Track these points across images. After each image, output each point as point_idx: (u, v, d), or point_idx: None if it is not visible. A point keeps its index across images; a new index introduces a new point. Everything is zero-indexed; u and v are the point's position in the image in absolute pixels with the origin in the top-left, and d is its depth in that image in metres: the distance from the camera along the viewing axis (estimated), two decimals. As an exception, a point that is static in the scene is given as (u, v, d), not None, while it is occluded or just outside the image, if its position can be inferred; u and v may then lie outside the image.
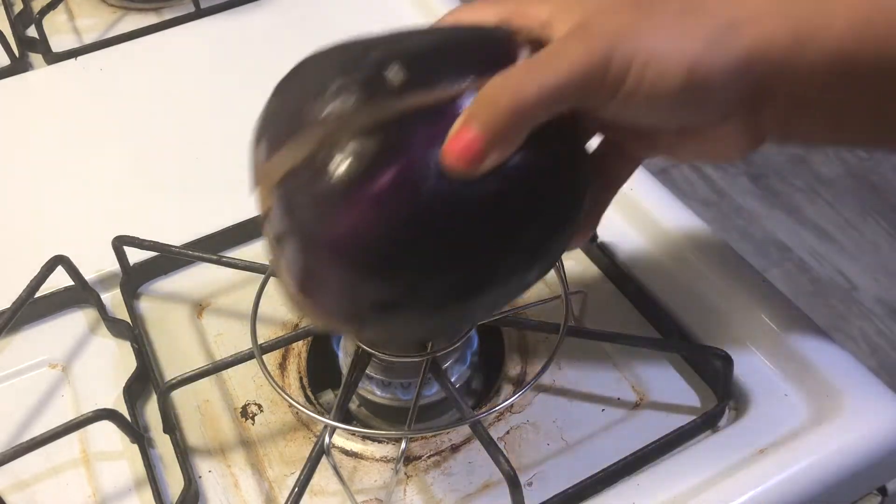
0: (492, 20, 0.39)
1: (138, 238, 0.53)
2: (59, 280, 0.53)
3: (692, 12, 0.35)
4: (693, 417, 0.45)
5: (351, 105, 0.34)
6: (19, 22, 0.77)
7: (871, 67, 0.34)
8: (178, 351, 0.52)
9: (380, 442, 0.46)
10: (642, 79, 0.34)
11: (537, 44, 0.37)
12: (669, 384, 0.49)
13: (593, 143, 0.42)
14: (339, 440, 0.47)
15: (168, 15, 0.79)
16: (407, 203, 0.33)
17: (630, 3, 0.36)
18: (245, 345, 0.47)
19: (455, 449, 0.46)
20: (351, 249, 0.34)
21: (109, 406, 0.47)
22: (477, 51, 0.36)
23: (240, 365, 0.47)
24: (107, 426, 0.45)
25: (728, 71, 0.34)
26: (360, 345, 0.45)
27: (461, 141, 0.33)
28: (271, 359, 0.51)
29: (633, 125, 0.38)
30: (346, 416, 0.50)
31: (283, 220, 0.36)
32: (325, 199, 0.34)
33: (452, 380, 0.46)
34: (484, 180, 0.34)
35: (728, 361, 0.45)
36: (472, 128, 0.33)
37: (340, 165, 0.33)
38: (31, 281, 0.51)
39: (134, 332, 0.51)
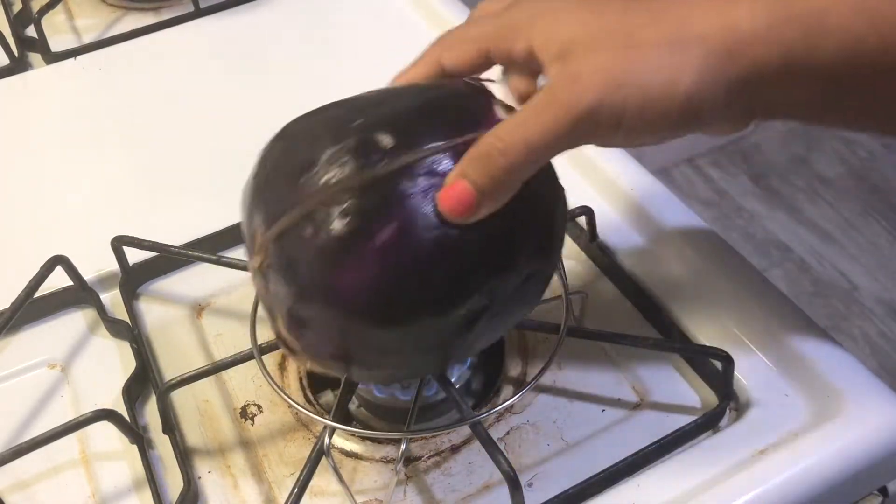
0: (473, 56, 0.39)
1: (137, 238, 0.53)
2: (59, 280, 0.53)
3: (684, 42, 0.34)
4: (693, 418, 0.45)
5: (346, 171, 0.35)
6: (18, 22, 0.77)
7: (862, 82, 0.35)
8: (177, 351, 0.52)
9: (380, 442, 0.46)
10: (638, 119, 0.34)
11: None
12: (669, 384, 0.49)
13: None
14: (339, 441, 0.47)
15: (167, 14, 0.79)
16: (406, 254, 0.35)
17: (617, 32, 0.35)
18: (245, 345, 0.46)
19: (455, 449, 0.46)
20: (355, 300, 0.36)
21: (109, 406, 0.47)
22: (456, 110, 0.38)
23: (239, 365, 0.46)
24: (106, 426, 0.45)
25: (721, 96, 0.35)
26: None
27: (454, 194, 0.35)
28: (271, 359, 0.51)
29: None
30: (345, 417, 0.50)
31: (281, 272, 0.37)
32: (327, 254, 0.35)
33: (452, 380, 0.46)
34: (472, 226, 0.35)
35: (728, 361, 0.45)
36: (464, 183, 0.34)
37: (342, 221, 0.35)
38: (30, 281, 0.51)
39: (133, 333, 0.51)
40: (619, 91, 0.34)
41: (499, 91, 0.40)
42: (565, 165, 0.60)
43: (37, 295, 0.51)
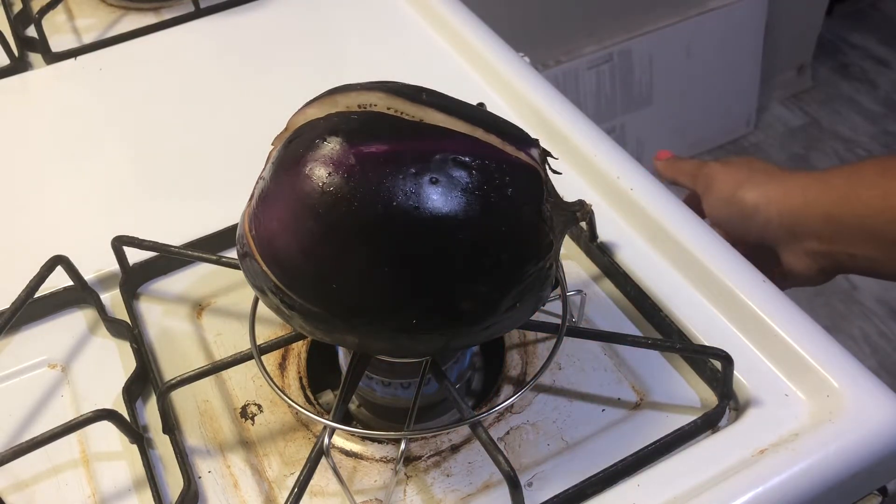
0: None
1: (138, 238, 0.53)
2: (59, 280, 0.53)
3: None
4: (693, 418, 0.45)
5: (378, 93, 0.38)
6: (19, 22, 0.77)
7: None
8: (177, 351, 0.52)
9: (379, 442, 0.46)
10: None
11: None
12: (669, 384, 0.49)
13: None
14: (339, 440, 0.47)
15: (167, 15, 0.79)
16: (385, 177, 0.36)
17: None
18: (245, 344, 0.46)
19: (455, 449, 0.46)
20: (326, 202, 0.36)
21: (109, 406, 0.47)
22: (505, 125, 0.40)
23: (239, 365, 0.46)
24: (106, 426, 0.45)
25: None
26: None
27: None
28: (271, 359, 0.51)
29: None
30: (345, 417, 0.50)
31: (271, 170, 0.39)
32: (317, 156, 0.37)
33: (452, 380, 0.46)
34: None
35: (728, 361, 0.45)
36: None
37: (352, 121, 0.38)
38: (30, 281, 0.51)
39: (133, 333, 0.51)
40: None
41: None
42: (566, 166, 0.60)
43: (37, 295, 0.51)
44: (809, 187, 0.55)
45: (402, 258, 0.36)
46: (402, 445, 0.43)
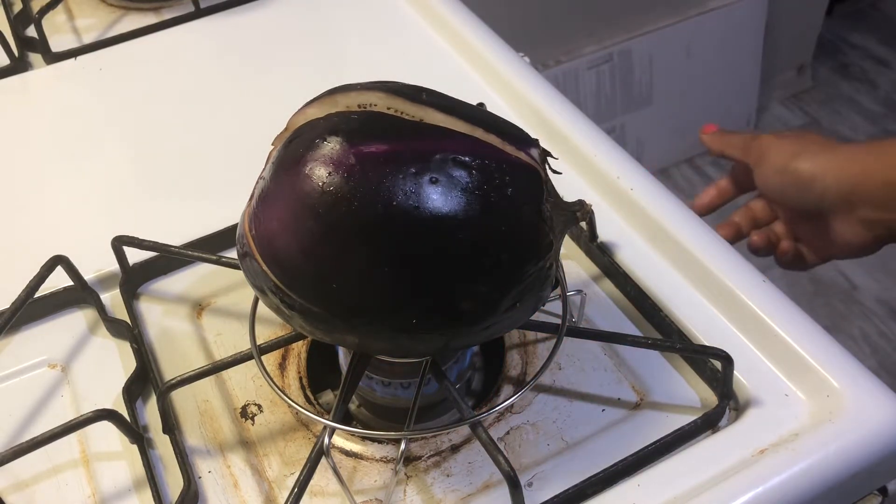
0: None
1: (138, 238, 0.53)
2: (59, 280, 0.53)
3: None
4: (693, 418, 0.45)
5: (378, 93, 0.39)
6: (19, 22, 0.77)
7: None
8: (177, 351, 0.52)
9: (380, 442, 0.46)
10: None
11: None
12: (669, 384, 0.49)
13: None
14: (339, 440, 0.47)
15: (167, 15, 0.79)
16: (386, 175, 0.36)
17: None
18: (245, 344, 0.46)
19: (455, 449, 0.46)
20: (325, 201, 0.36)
21: (109, 406, 0.47)
22: (510, 126, 0.41)
23: (239, 365, 0.46)
24: (106, 426, 0.45)
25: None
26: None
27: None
28: (271, 359, 0.51)
29: None
30: (345, 417, 0.50)
31: (272, 170, 0.39)
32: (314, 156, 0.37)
33: (452, 380, 0.46)
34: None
35: (728, 361, 0.45)
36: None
37: (352, 121, 0.38)
38: (30, 281, 0.51)
39: (133, 333, 0.51)
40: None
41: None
42: (566, 166, 0.60)
43: (37, 295, 0.51)
44: (866, 157, 0.56)
45: (402, 258, 0.36)
46: (402, 445, 0.43)
